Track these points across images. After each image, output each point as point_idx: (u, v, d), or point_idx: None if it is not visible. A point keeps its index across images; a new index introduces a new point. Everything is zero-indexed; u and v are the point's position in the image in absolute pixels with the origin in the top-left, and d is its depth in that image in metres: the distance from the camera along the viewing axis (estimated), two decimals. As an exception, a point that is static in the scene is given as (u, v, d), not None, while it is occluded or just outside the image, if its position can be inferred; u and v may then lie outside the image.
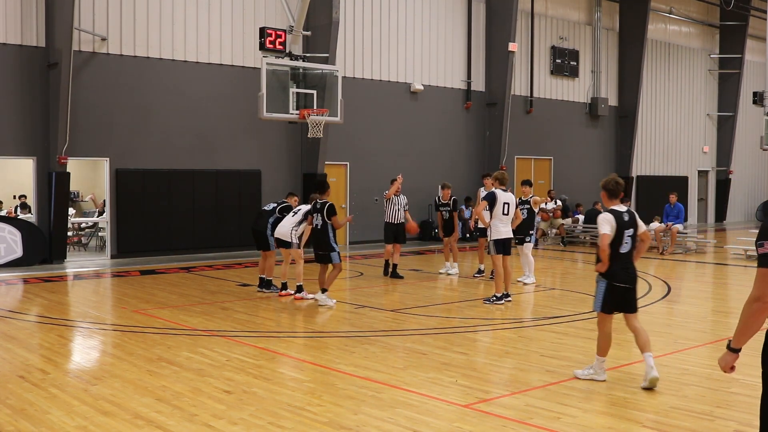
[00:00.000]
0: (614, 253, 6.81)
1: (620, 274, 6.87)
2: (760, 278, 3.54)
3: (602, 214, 6.91)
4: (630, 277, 6.97)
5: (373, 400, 6.31)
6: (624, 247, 6.87)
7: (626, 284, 6.94)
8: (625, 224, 6.84)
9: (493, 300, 11.23)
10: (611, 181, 6.98)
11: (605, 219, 6.79)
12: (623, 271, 6.90)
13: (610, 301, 6.88)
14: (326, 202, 11.11)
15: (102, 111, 16.54)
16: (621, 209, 6.91)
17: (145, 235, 17.22)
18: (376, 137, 20.86)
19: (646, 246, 7.23)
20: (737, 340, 3.69)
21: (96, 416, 5.88)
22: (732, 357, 3.73)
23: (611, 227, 6.74)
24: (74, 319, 10.37)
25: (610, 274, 6.84)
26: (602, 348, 6.97)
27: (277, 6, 18.26)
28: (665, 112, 30.11)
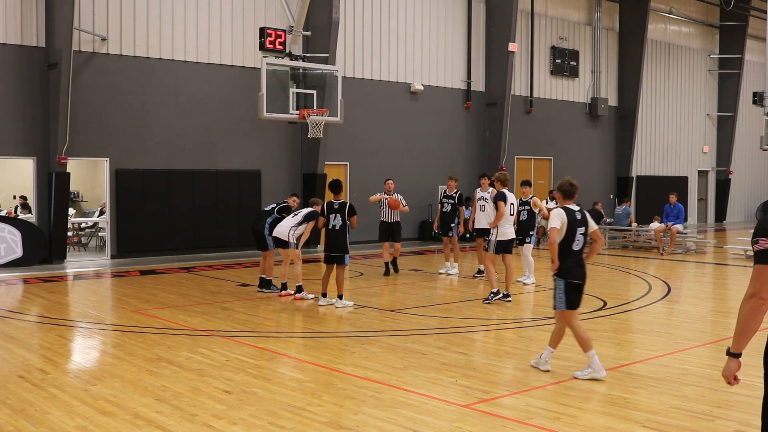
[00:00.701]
0: (567, 250, 7.13)
1: (574, 271, 7.14)
2: (756, 275, 3.54)
3: (554, 210, 7.27)
4: (582, 273, 7.20)
5: (373, 400, 6.31)
6: (576, 245, 7.16)
7: (578, 280, 7.17)
8: (578, 222, 7.17)
9: (492, 298, 11.24)
10: (566, 183, 7.41)
11: (556, 214, 7.17)
12: (577, 267, 7.17)
13: (571, 297, 7.14)
14: (345, 202, 11.03)
15: (102, 111, 16.54)
16: (573, 208, 7.27)
17: (145, 235, 17.22)
18: (376, 137, 20.86)
19: (599, 246, 7.53)
20: (737, 344, 3.66)
21: (96, 416, 5.88)
22: (735, 364, 3.66)
23: (561, 222, 7.09)
24: (74, 319, 10.37)
25: (566, 271, 7.11)
26: (585, 343, 7.10)
27: (277, 6, 18.26)
28: (665, 112, 30.11)
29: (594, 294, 12.27)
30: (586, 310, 10.66)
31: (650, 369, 7.42)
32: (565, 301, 7.10)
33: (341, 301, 10.93)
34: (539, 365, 7.33)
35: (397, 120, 21.28)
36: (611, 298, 11.86)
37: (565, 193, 7.36)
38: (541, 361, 7.34)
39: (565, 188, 7.36)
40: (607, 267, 16.52)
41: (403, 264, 16.36)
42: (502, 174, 11.82)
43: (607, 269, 16.16)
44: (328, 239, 10.98)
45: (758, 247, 3.51)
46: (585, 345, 7.07)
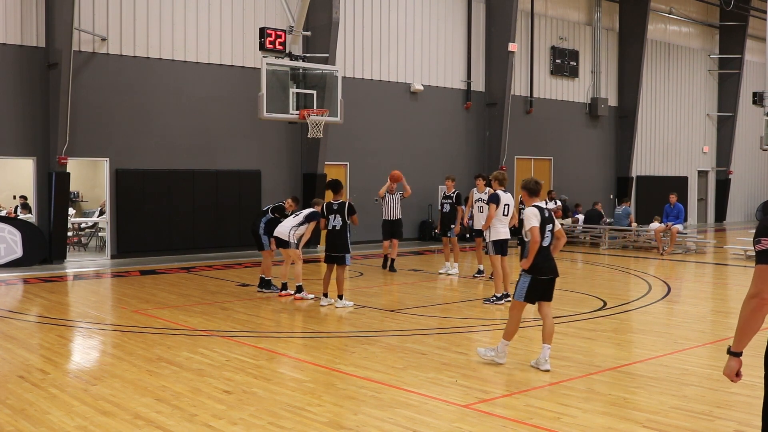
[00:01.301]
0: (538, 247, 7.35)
1: (544, 267, 7.38)
2: (757, 275, 3.54)
3: (528, 209, 7.49)
4: (552, 268, 7.47)
5: (373, 400, 6.31)
6: (545, 241, 7.42)
7: (550, 275, 7.44)
8: (546, 219, 7.42)
9: (493, 300, 11.24)
10: (532, 181, 7.65)
11: (533, 213, 7.38)
12: (546, 262, 7.41)
13: (533, 292, 7.42)
14: (344, 202, 10.99)
15: (102, 111, 16.54)
16: (542, 206, 7.50)
17: (145, 235, 17.22)
18: (376, 137, 20.86)
19: (563, 242, 7.75)
20: (738, 343, 3.65)
21: (96, 416, 5.88)
22: (735, 362, 3.66)
23: (539, 220, 7.32)
24: (74, 319, 10.37)
25: (536, 268, 7.35)
26: (510, 332, 7.51)
27: (277, 6, 18.26)
28: (665, 112, 30.11)
29: (594, 294, 12.28)
30: (587, 310, 10.68)
31: (650, 369, 7.42)
32: (525, 295, 7.39)
33: (341, 301, 10.93)
34: (539, 365, 7.34)
35: (397, 120, 21.28)
36: (611, 298, 11.86)
37: (531, 191, 7.60)
38: (540, 361, 7.35)
39: (531, 186, 7.59)
40: (607, 267, 16.52)
41: (403, 264, 16.36)
42: (500, 173, 11.77)
43: (607, 269, 16.16)
44: (329, 239, 10.95)
45: (760, 247, 3.51)
46: (508, 334, 7.49)
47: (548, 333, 7.41)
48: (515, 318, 7.48)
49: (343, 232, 10.87)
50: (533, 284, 7.37)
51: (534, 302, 7.52)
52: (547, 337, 7.40)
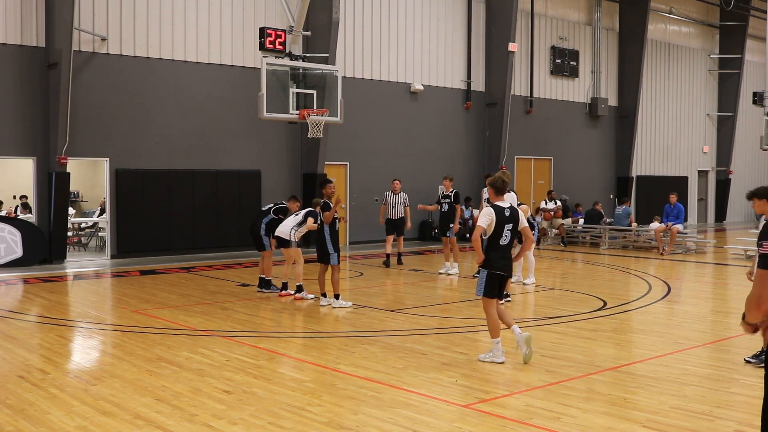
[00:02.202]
0: (494, 245, 7.58)
1: (498, 263, 7.58)
2: (759, 278, 3.57)
3: (485, 209, 7.66)
4: (505, 266, 7.65)
5: (373, 400, 6.31)
6: (503, 240, 7.58)
7: (503, 272, 7.64)
8: (506, 219, 7.56)
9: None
10: (498, 179, 7.72)
11: (485, 213, 7.56)
12: (501, 260, 7.61)
13: (492, 287, 7.61)
14: (324, 200, 11.09)
15: (102, 111, 16.54)
16: (504, 205, 7.64)
17: (145, 235, 17.22)
18: (376, 137, 20.86)
19: (530, 241, 7.99)
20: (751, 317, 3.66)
21: (96, 416, 5.88)
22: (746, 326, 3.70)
23: (489, 221, 7.48)
24: (74, 319, 10.37)
25: (490, 263, 7.56)
26: (494, 330, 7.62)
27: (277, 6, 18.26)
28: (665, 112, 30.11)
29: (594, 294, 12.28)
30: (587, 310, 10.68)
31: (650, 369, 7.42)
32: (484, 289, 7.59)
33: (338, 301, 10.92)
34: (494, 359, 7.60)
35: (397, 120, 21.28)
36: (611, 298, 11.86)
37: (497, 189, 7.68)
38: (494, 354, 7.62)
39: (498, 184, 7.70)
40: (607, 267, 16.52)
41: (404, 264, 16.37)
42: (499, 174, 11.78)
43: (607, 269, 16.16)
44: (314, 238, 11.30)
45: (763, 251, 3.53)
46: (493, 332, 7.61)
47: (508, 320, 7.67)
48: (490, 314, 7.62)
49: (321, 232, 10.97)
50: (490, 279, 7.56)
51: (494, 296, 7.65)
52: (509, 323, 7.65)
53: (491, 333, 7.65)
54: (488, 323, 7.68)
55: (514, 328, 7.62)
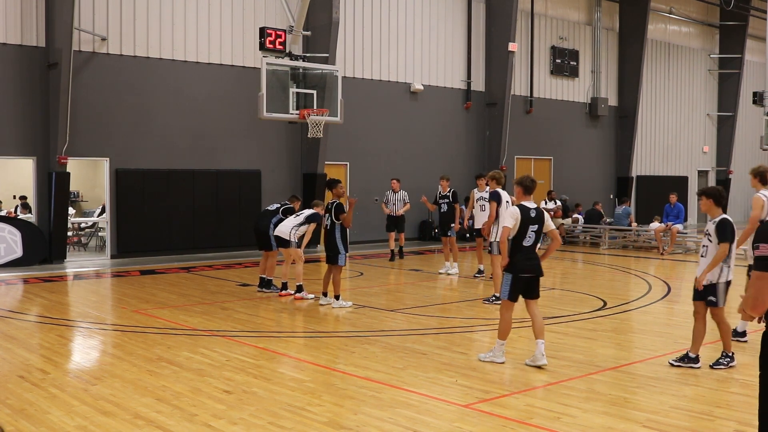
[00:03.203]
0: (518, 246, 7.42)
1: (523, 265, 7.42)
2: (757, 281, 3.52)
3: (510, 208, 7.54)
4: (533, 266, 7.47)
5: (373, 400, 6.31)
6: (527, 241, 7.43)
7: (530, 274, 7.46)
8: (531, 220, 7.42)
9: (492, 300, 11.23)
10: (528, 178, 7.63)
11: (510, 213, 7.43)
12: (526, 261, 7.44)
13: (516, 290, 7.48)
14: (335, 201, 11.01)
15: (102, 111, 16.54)
16: (530, 206, 7.49)
17: (145, 235, 17.22)
18: (376, 137, 20.86)
19: (557, 244, 7.76)
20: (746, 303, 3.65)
21: (96, 416, 5.89)
22: None
23: (514, 221, 7.35)
24: (74, 319, 10.37)
25: (515, 266, 7.42)
26: (504, 332, 7.57)
27: (277, 6, 18.26)
28: (665, 112, 30.11)
29: (594, 294, 12.28)
30: (587, 310, 10.68)
31: (650, 369, 7.43)
32: (508, 293, 7.45)
33: (338, 301, 10.92)
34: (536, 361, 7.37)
35: (397, 120, 21.28)
36: (611, 298, 11.86)
37: (526, 188, 7.56)
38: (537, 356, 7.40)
39: (527, 183, 7.59)
40: (607, 267, 16.52)
41: (404, 264, 16.39)
42: (496, 172, 11.79)
43: (607, 269, 16.16)
44: (324, 239, 11.08)
45: (759, 253, 3.50)
46: (502, 334, 7.55)
47: (539, 329, 7.46)
48: (505, 317, 7.54)
49: (332, 232, 10.87)
50: (514, 282, 7.43)
51: (516, 300, 7.54)
52: (538, 333, 7.44)
53: (500, 334, 7.57)
54: (500, 324, 7.58)
55: (540, 343, 7.37)
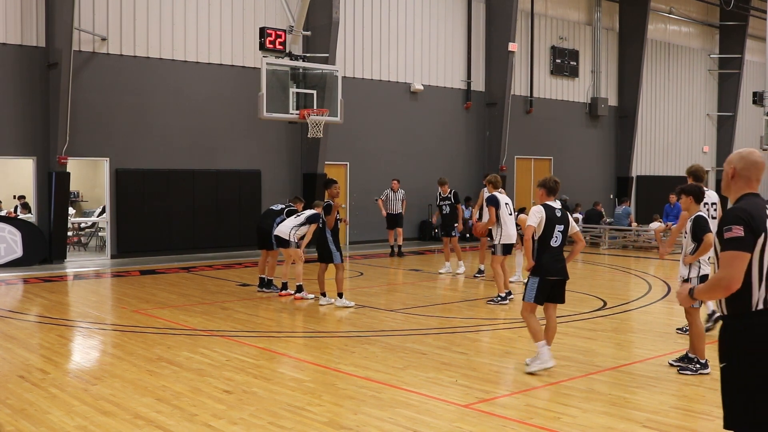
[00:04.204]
0: (545, 247, 7.22)
1: (551, 267, 7.20)
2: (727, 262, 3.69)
3: (534, 207, 7.37)
4: (561, 269, 7.27)
5: (373, 400, 6.31)
6: (555, 241, 7.25)
7: (558, 277, 7.26)
8: (557, 219, 7.28)
9: (498, 300, 11.21)
10: (552, 179, 7.47)
11: (534, 212, 7.27)
12: (555, 263, 7.24)
13: (542, 293, 7.21)
14: (328, 201, 11.06)
15: (102, 111, 16.54)
16: (554, 205, 7.38)
17: (145, 235, 17.22)
18: (376, 137, 20.86)
19: (580, 247, 7.61)
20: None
21: (96, 416, 5.89)
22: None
23: (538, 219, 7.18)
24: (74, 319, 10.37)
25: (542, 269, 7.18)
26: (537, 334, 7.24)
27: (277, 6, 18.26)
28: (665, 112, 30.10)
29: (594, 294, 12.28)
30: (587, 310, 10.67)
31: (650, 369, 7.43)
32: (534, 296, 7.20)
33: (341, 300, 10.93)
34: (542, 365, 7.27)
35: (397, 120, 21.28)
36: (611, 298, 11.86)
37: (550, 189, 7.44)
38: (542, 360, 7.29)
39: (551, 185, 7.45)
40: (607, 267, 16.52)
41: (404, 264, 16.39)
42: (493, 177, 11.85)
43: (607, 269, 16.16)
44: (316, 237, 11.23)
45: (731, 234, 3.67)
46: (537, 336, 7.22)
47: (551, 335, 7.31)
48: (531, 320, 7.25)
49: (323, 231, 10.97)
50: (541, 285, 7.17)
51: (542, 303, 7.32)
52: (550, 339, 7.30)
53: (534, 337, 7.23)
54: (529, 329, 7.28)
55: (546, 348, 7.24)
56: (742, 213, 3.71)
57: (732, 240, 3.67)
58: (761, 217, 3.72)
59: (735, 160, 3.96)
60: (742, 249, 3.65)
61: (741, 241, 3.65)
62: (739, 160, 3.94)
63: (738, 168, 3.93)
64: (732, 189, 3.97)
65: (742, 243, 3.65)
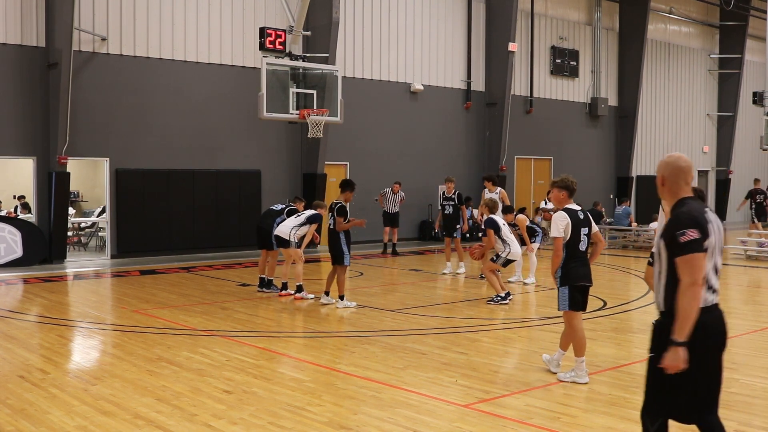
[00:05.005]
0: (574, 252, 6.90)
1: (579, 273, 6.91)
2: (688, 264, 3.79)
3: (557, 213, 6.99)
4: (588, 274, 6.99)
5: (373, 400, 6.31)
6: (582, 245, 6.96)
7: (586, 282, 6.97)
8: (581, 222, 6.96)
9: (498, 300, 11.21)
10: (571, 180, 7.11)
11: (559, 219, 6.88)
12: (582, 268, 6.95)
13: (576, 300, 6.93)
14: (338, 202, 10.99)
15: (102, 111, 16.54)
16: (576, 208, 7.04)
17: (145, 235, 17.22)
18: (376, 137, 20.86)
19: (601, 247, 7.30)
20: (683, 332, 3.80)
21: (96, 416, 5.89)
22: (683, 352, 3.80)
23: (564, 225, 6.84)
24: (74, 319, 10.37)
25: (569, 276, 6.87)
26: (579, 348, 6.91)
27: (277, 6, 18.26)
28: (665, 112, 30.11)
29: (594, 294, 12.26)
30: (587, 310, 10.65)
31: (650, 369, 7.41)
32: (569, 304, 6.92)
33: (342, 301, 10.92)
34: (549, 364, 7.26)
35: (397, 120, 21.28)
36: (611, 298, 11.85)
37: (571, 191, 7.09)
38: (552, 362, 7.24)
39: (572, 186, 7.08)
40: (607, 267, 16.52)
41: (404, 264, 16.38)
42: (489, 200, 11.91)
43: (607, 269, 16.16)
44: (327, 239, 11.05)
45: (687, 238, 3.80)
46: (578, 350, 6.91)
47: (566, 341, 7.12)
48: (575, 329, 6.94)
49: (336, 233, 10.84)
50: (572, 293, 6.89)
51: (584, 309, 7.06)
52: (563, 344, 7.18)
53: (577, 351, 6.90)
54: (573, 340, 6.94)
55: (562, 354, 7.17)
56: (692, 216, 3.88)
57: (689, 243, 3.81)
58: (705, 221, 3.91)
59: (662, 167, 4.11)
60: (699, 250, 3.81)
61: (698, 243, 3.81)
62: (665, 168, 4.09)
63: (665, 175, 4.08)
64: (665, 195, 4.12)
65: (699, 244, 3.81)
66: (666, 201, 4.12)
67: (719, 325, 3.96)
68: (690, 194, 4.04)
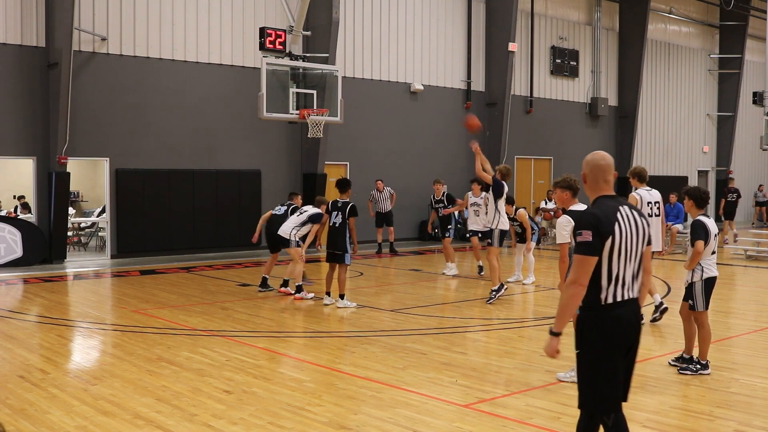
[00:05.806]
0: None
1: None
2: (577, 263, 3.97)
3: (563, 217, 7.00)
4: None
5: (373, 400, 6.31)
6: None
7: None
8: None
9: (493, 294, 11.19)
10: (574, 179, 7.05)
11: (565, 224, 6.85)
12: None
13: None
14: (348, 202, 10.91)
15: (102, 111, 16.54)
16: (581, 208, 6.84)
17: (145, 235, 17.21)
18: (376, 137, 20.86)
19: None
20: (559, 324, 4.17)
21: (96, 416, 5.89)
22: (556, 341, 4.23)
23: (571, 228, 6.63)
24: (74, 319, 10.37)
25: None
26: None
27: (277, 6, 18.26)
28: (665, 112, 30.11)
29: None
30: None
31: (650, 369, 7.42)
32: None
33: (342, 301, 10.92)
34: None
35: (397, 120, 21.28)
36: (611, 298, 11.82)
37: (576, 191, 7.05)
38: None
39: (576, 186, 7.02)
40: (607, 267, 16.50)
41: (403, 264, 16.38)
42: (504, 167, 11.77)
43: (607, 269, 16.14)
44: (329, 237, 10.96)
45: (581, 239, 3.97)
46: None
47: None
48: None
49: (342, 231, 10.80)
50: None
51: None
52: None
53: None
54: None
55: None
56: (592, 218, 3.99)
57: (581, 244, 3.98)
58: (610, 221, 3.98)
59: (584, 165, 4.25)
60: (589, 253, 3.96)
61: (589, 246, 3.96)
62: (586, 166, 4.23)
63: (586, 173, 4.22)
64: (588, 193, 4.25)
65: (590, 247, 3.96)
66: (590, 198, 4.23)
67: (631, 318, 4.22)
68: (609, 192, 4.13)
